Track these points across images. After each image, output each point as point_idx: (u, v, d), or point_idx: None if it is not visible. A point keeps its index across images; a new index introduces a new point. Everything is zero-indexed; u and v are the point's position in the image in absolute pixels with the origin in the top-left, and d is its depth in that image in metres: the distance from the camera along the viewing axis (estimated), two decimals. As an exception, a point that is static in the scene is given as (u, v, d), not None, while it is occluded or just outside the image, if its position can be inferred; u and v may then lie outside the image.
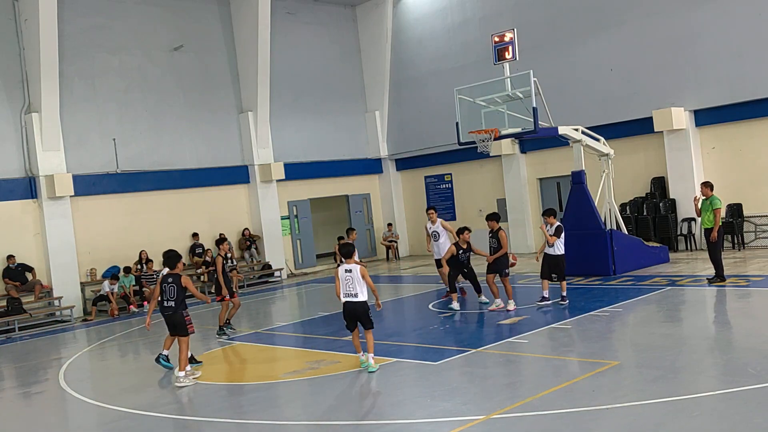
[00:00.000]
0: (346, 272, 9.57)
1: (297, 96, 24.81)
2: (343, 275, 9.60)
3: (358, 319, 9.62)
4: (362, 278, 9.48)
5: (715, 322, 11.49)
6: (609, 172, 17.26)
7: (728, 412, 6.74)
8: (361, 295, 9.51)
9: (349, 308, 9.59)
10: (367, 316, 9.59)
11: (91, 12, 20.40)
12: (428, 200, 26.45)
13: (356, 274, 9.50)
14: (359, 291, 9.49)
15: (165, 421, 8.49)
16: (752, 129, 18.38)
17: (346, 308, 9.65)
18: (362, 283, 9.50)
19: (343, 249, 9.83)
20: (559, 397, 7.61)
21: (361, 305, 9.54)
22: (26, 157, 19.08)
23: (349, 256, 9.76)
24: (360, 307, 9.56)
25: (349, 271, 9.57)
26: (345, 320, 9.78)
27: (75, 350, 14.31)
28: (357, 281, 9.48)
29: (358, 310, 9.55)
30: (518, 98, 15.54)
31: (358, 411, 8.10)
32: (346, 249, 9.79)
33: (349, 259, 9.71)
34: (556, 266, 13.18)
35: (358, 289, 9.49)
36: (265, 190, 23.49)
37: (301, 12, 25.14)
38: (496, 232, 13.19)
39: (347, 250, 9.78)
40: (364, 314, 9.57)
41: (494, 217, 13.47)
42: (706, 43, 18.56)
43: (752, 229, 18.57)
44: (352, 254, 9.80)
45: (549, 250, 13.15)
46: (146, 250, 20.12)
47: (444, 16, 24.62)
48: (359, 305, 9.54)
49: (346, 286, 9.56)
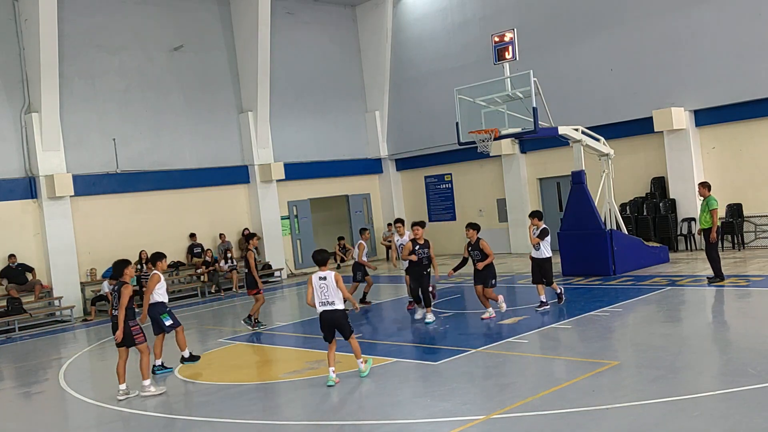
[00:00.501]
0: (321, 280, 9.09)
1: (297, 96, 24.81)
2: (318, 283, 9.11)
3: (338, 329, 9.22)
4: (337, 285, 9.04)
5: (715, 322, 11.49)
6: (609, 172, 17.26)
7: (728, 412, 6.73)
8: (338, 303, 9.09)
9: (327, 318, 9.14)
10: (347, 325, 9.24)
11: (91, 12, 20.40)
12: (428, 200, 26.47)
13: (331, 282, 9.03)
14: (336, 299, 9.06)
15: (165, 421, 8.50)
16: (752, 129, 18.38)
17: (323, 318, 9.20)
18: (338, 290, 9.05)
19: (318, 255, 9.28)
20: (559, 397, 7.61)
21: (339, 314, 9.12)
22: (26, 157, 19.08)
23: (324, 263, 9.23)
24: (338, 316, 9.14)
25: (323, 278, 9.08)
26: (322, 331, 9.32)
27: (75, 350, 14.31)
28: (333, 289, 9.05)
29: (337, 319, 9.14)
30: (518, 98, 15.54)
31: (358, 411, 8.09)
32: (321, 255, 9.26)
33: (323, 267, 9.20)
34: (543, 270, 12.73)
35: (334, 297, 9.05)
36: (265, 190, 23.49)
37: (301, 12, 25.14)
38: (476, 243, 12.36)
39: (322, 257, 9.25)
40: (344, 323, 9.19)
41: (474, 227, 12.49)
42: (706, 43, 18.56)
43: (752, 229, 18.56)
44: (327, 261, 9.28)
45: (535, 254, 12.79)
46: (146, 250, 20.09)
47: (444, 16, 24.62)
48: (337, 314, 9.12)
49: (322, 294, 9.09)
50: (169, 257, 21.26)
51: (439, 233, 25.45)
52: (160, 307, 10.69)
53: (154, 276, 10.67)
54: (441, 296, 15.24)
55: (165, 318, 10.68)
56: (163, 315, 10.68)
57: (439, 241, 25.60)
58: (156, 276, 10.65)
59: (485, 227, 24.31)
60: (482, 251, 12.31)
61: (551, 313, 12.44)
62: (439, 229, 25.70)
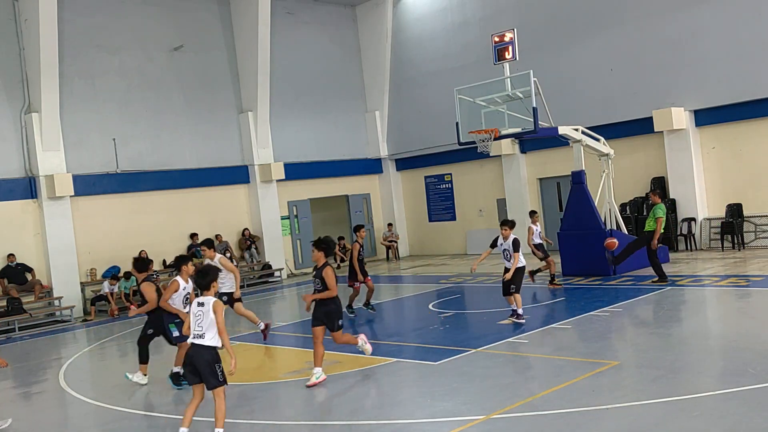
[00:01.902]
0: (199, 306, 7.25)
1: (297, 96, 24.81)
2: (195, 310, 7.27)
3: (201, 374, 7.12)
4: (214, 316, 7.12)
5: (715, 322, 11.49)
6: (609, 172, 17.26)
7: (728, 412, 6.73)
8: (210, 338, 7.12)
9: (193, 355, 7.16)
10: (213, 371, 7.07)
11: (91, 12, 20.40)
12: (428, 200, 26.47)
13: (208, 310, 7.15)
14: (207, 332, 7.14)
15: (165, 421, 8.49)
16: (752, 129, 18.38)
17: (188, 354, 7.26)
18: (214, 322, 7.15)
19: (200, 279, 7.42)
20: (559, 397, 7.61)
21: (207, 353, 7.10)
22: (26, 157, 19.08)
23: (207, 288, 7.37)
24: (205, 355, 7.09)
25: (201, 304, 7.23)
26: (184, 370, 7.51)
27: (75, 350, 14.31)
28: (209, 319, 7.16)
29: (202, 358, 7.09)
30: (518, 98, 15.55)
31: (358, 411, 8.09)
32: (204, 279, 7.38)
33: (206, 291, 7.37)
34: (516, 279, 11.70)
35: (206, 329, 7.14)
36: (265, 190, 23.49)
37: (301, 12, 25.14)
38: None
39: (205, 280, 7.37)
40: (209, 366, 7.07)
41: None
42: (706, 43, 18.56)
43: (752, 229, 18.56)
44: (210, 285, 7.38)
45: (509, 264, 11.84)
46: (146, 250, 20.11)
47: (444, 16, 24.62)
48: (204, 354, 7.10)
49: (196, 324, 7.21)
50: (169, 257, 21.33)
51: (439, 233, 25.46)
52: (171, 316, 9.78)
53: (174, 283, 9.73)
54: (441, 296, 15.23)
55: (173, 329, 9.78)
56: (171, 325, 9.78)
57: (438, 241, 25.67)
58: (175, 283, 9.70)
59: (485, 227, 24.42)
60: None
61: (551, 313, 12.44)
62: (439, 229, 25.69)
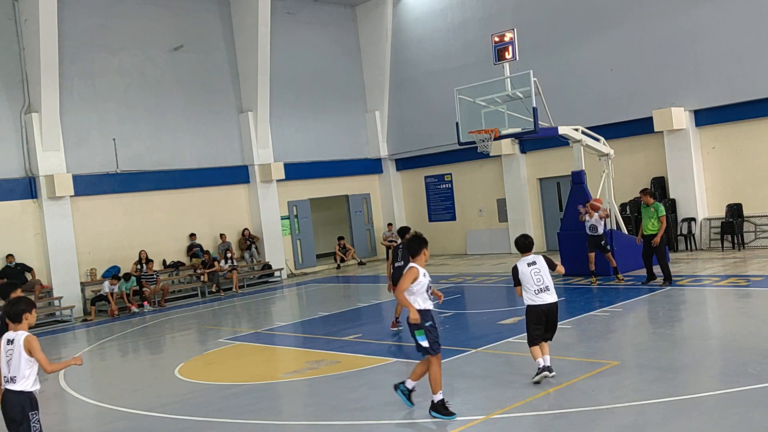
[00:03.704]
0: (8, 344, 5.93)
1: (297, 96, 24.81)
2: (5, 349, 5.94)
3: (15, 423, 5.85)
4: (29, 355, 5.84)
5: (715, 322, 11.49)
6: (609, 172, 17.26)
7: (728, 412, 6.73)
8: (23, 382, 5.84)
9: (5, 402, 5.93)
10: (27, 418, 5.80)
11: (91, 12, 20.39)
12: (428, 200, 26.47)
13: (18, 348, 5.84)
14: (18, 374, 5.84)
15: (165, 421, 8.49)
16: (752, 129, 18.37)
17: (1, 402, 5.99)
18: (29, 362, 5.86)
19: (11, 308, 6.08)
20: (559, 397, 7.61)
21: (17, 400, 5.82)
22: (26, 157, 19.08)
23: (18, 319, 6.00)
24: (15, 404, 5.82)
25: (11, 341, 5.92)
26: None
27: (75, 350, 14.30)
28: (20, 360, 5.85)
29: (14, 407, 5.83)
30: (518, 98, 15.54)
31: (358, 411, 8.09)
32: (15, 309, 6.05)
33: (18, 324, 6.00)
34: None
35: (17, 371, 5.85)
36: (265, 190, 23.49)
37: (301, 12, 25.14)
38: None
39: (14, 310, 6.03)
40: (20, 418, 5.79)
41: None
42: (706, 43, 18.56)
43: (752, 229, 18.56)
44: (22, 316, 6.01)
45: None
46: (146, 250, 20.14)
47: (444, 16, 24.62)
48: (15, 400, 5.83)
49: (7, 365, 5.92)
50: (169, 257, 21.36)
51: (439, 233, 25.44)
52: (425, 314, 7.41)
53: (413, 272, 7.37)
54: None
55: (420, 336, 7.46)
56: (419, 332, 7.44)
57: (438, 241, 25.64)
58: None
59: (485, 227, 24.43)
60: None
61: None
62: (439, 229, 25.69)
